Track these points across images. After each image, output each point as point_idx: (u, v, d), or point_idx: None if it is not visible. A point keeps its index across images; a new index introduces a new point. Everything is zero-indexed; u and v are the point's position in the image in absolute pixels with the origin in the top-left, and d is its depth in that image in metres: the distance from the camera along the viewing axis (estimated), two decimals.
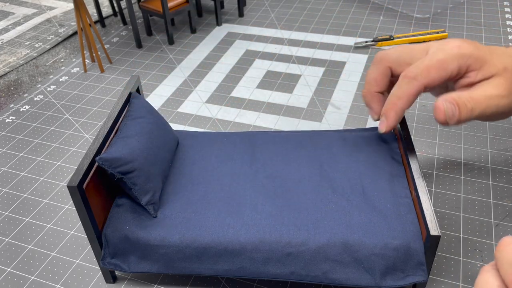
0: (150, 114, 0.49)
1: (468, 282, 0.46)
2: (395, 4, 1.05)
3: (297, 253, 0.40)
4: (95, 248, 0.44)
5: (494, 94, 0.41)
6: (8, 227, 0.55)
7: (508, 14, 0.98)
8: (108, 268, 0.44)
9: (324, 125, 0.69)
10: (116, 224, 0.43)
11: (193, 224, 0.43)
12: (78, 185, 0.38)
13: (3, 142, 0.69)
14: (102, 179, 0.44)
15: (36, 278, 0.49)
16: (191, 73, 0.84)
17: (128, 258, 0.43)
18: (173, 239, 0.42)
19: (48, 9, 1.14)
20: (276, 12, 1.06)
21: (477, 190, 0.56)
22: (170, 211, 0.44)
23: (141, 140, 0.45)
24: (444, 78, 0.41)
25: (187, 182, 0.47)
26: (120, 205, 0.45)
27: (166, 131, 0.50)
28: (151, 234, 0.42)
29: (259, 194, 0.45)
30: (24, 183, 0.61)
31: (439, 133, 0.64)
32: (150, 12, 0.94)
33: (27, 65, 0.91)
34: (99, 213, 0.44)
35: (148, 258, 0.43)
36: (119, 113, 0.48)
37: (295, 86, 0.79)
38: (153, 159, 0.45)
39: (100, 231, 0.44)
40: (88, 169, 0.41)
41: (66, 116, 0.74)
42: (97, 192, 0.43)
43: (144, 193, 0.43)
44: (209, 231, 0.42)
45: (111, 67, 0.88)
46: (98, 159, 0.41)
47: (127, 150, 0.43)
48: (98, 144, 0.43)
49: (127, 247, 0.43)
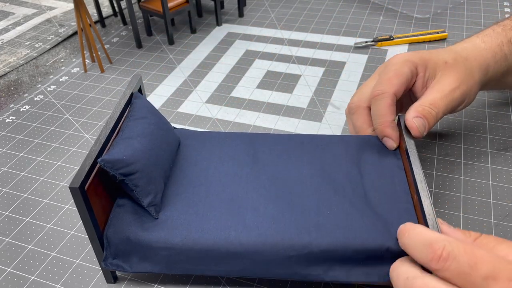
0: (152, 115, 0.49)
1: None
2: (395, 4, 1.05)
3: (299, 256, 0.40)
4: (97, 249, 0.44)
5: (447, 91, 0.45)
6: (8, 227, 0.55)
7: (508, 14, 0.98)
8: (110, 269, 0.44)
9: (324, 125, 0.69)
10: (118, 225, 0.43)
11: (194, 226, 0.43)
12: (80, 187, 0.38)
13: (3, 142, 0.69)
14: (104, 179, 0.44)
15: (36, 278, 0.49)
16: (191, 73, 0.84)
17: (130, 258, 0.43)
18: (175, 241, 0.42)
19: (48, 9, 1.14)
20: (276, 12, 1.06)
21: (477, 190, 0.56)
22: (171, 212, 0.44)
23: (143, 141, 0.45)
24: (404, 83, 0.46)
25: (188, 183, 0.47)
26: (121, 206, 0.45)
27: (168, 132, 0.50)
28: (152, 235, 0.42)
29: (260, 196, 0.45)
30: (24, 183, 0.62)
31: (439, 133, 0.64)
32: (150, 12, 0.94)
33: (27, 65, 0.91)
34: (101, 213, 0.44)
35: (150, 259, 0.43)
36: (121, 113, 0.47)
37: (295, 86, 0.79)
38: (155, 161, 0.45)
39: (102, 232, 0.44)
40: (90, 170, 0.40)
41: (66, 116, 0.74)
42: (99, 193, 0.43)
43: (146, 195, 0.43)
44: (211, 233, 0.42)
45: (111, 67, 0.88)
46: (100, 161, 0.41)
47: (129, 152, 0.43)
48: (100, 145, 0.43)
49: (129, 248, 0.43)
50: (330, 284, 0.46)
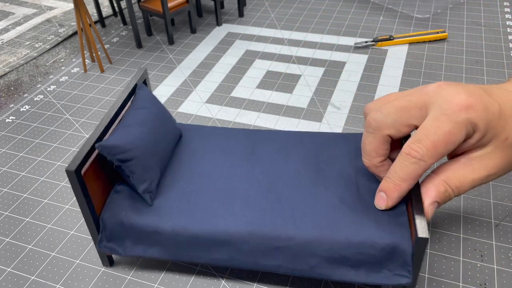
0: (153, 106, 0.50)
1: (468, 282, 0.46)
2: (395, 4, 1.05)
3: (285, 247, 0.41)
4: (93, 232, 0.45)
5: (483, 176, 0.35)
6: (8, 227, 0.55)
7: (508, 14, 0.98)
8: (104, 251, 0.46)
9: (324, 125, 0.69)
10: (113, 210, 0.45)
11: (185, 213, 0.44)
12: (76, 170, 0.40)
13: (3, 142, 0.69)
14: (103, 165, 0.45)
15: (36, 278, 0.49)
16: (191, 73, 0.84)
17: (123, 242, 0.45)
18: (165, 227, 0.43)
19: (48, 9, 1.14)
20: (276, 12, 1.06)
21: (477, 190, 0.56)
22: (165, 200, 0.46)
23: (141, 130, 0.46)
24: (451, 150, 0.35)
25: (184, 173, 0.49)
26: (119, 192, 0.46)
27: (169, 123, 0.51)
28: (145, 221, 0.44)
29: (253, 188, 0.46)
30: (24, 183, 0.62)
31: None
32: (150, 12, 0.94)
33: (27, 65, 0.91)
34: (99, 198, 0.45)
35: (142, 243, 0.44)
36: (124, 102, 0.49)
37: (295, 86, 0.79)
38: (152, 149, 0.46)
39: (99, 216, 0.45)
40: (88, 155, 0.42)
41: (66, 116, 0.74)
42: (97, 178, 0.44)
43: (142, 182, 0.44)
44: (200, 221, 0.43)
45: (111, 67, 0.88)
46: (98, 146, 0.42)
47: (127, 139, 0.44)
48: (100, 131, 0.44)
49: (123, 232, 0.44)
50: (330, 284, 0.46)
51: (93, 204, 0.44)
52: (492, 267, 0.47)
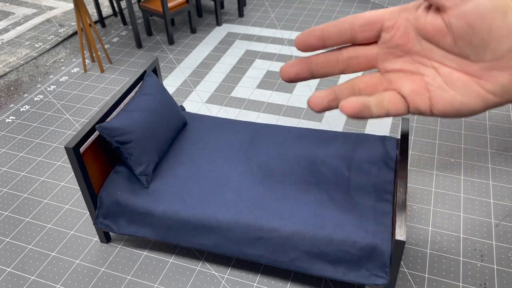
0: (158, 93, 0.52)
1: (468, 282, 0.46)
2: (395, 4, 1.05)
3: (268, 238, 0.43)
4: (90, 209, 0.48)
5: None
6: (8, 227, 0.55)
7: None
8: (100, 227, 0.49)
9: (324, 125, 0.69)
10: (111, 189, 0.48)
11: (178, 198, 0.47)
12: (74, 148, 0.42)
13: (3, 142, 0.69)
14: (103, 147, 0.48)
15: (36, 278, 0.49)
16: (191, 73, 0.84)
17: (118, 220, 0.48)
18: (158, 210, 0.46)
19: (48, 9, 1.14)
20: (276, 12, 1.06)
21: (477, 190, 0.56)
22: (161, 184, 0.48)
23: (143, 115, 0.49)
24: None
25: (183, 160, 0.51)
26: (118, 172, 0.49)
27: (172, 111, 0.53)
28: (139, 202, 0.47)
29: (246, 179, 0.49)
30: (24, 183, 0.62)
31: (439, 133, 0.64)
32: (150, 12, 0.94)
33: (27, 65, 0.91)
34: (99, 177, 0.48)
35: (136, 223, 0.47)
36: (130, 88, 0.52)
37: (295, 86, 0.79)
38: (151, 134, 0.49)
39: (97, 194, 0.48)
40: (88, 135, 0.44)
41: (66, 116, 0.74)
42: (97, 158, 0.47)
43: (139, 164, 0.47)
44: (191, 206, 0.46)
45: (111, 67, 0.88)
46: (98, 127, 0.45)
47: (127, 122, 0.47)
48: (102, 113, 0.47)
49: (118, 211, 0.47)
50: (330, 283, 0.46)
51: (92, 183, 0.46)
52: (492, 267, 0.47)
